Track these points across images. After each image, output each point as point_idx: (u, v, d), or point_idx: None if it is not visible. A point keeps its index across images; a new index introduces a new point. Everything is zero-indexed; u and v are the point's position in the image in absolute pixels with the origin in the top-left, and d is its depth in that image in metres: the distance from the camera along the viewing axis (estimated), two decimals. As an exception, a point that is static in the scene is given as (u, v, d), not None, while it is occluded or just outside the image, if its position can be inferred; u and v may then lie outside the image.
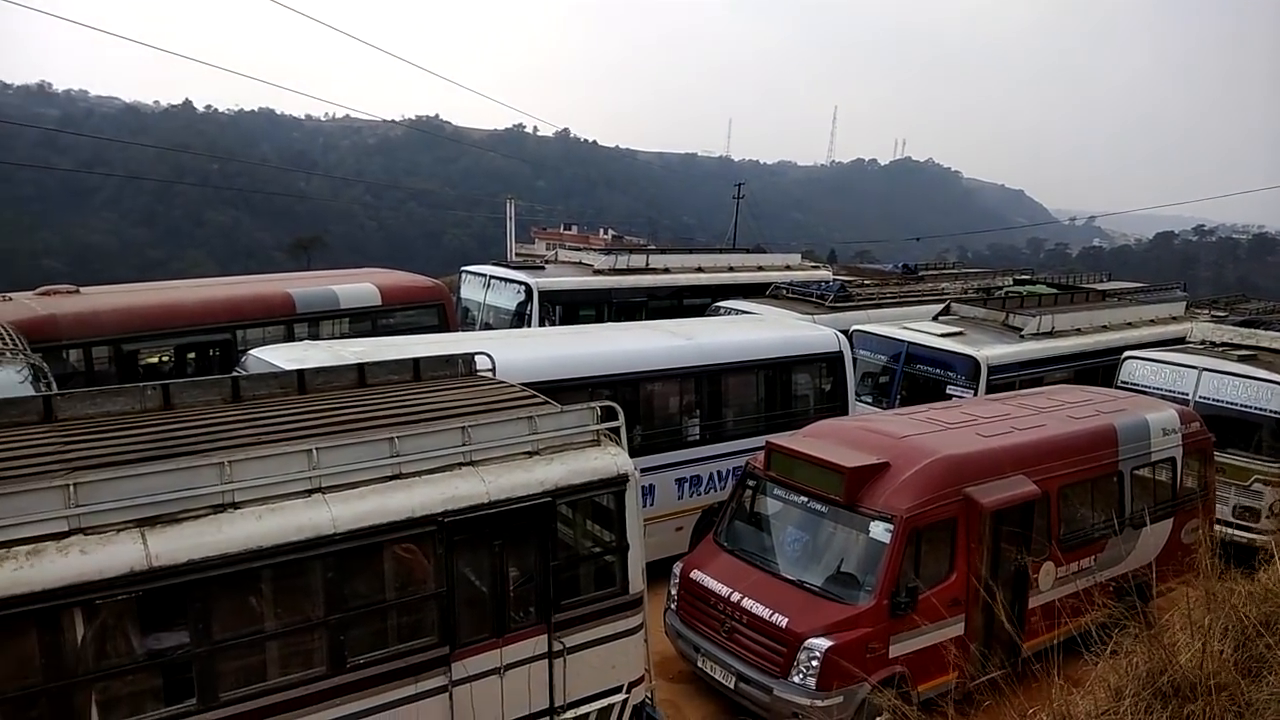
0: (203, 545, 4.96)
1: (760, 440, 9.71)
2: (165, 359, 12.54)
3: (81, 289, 12.76)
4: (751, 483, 9.11)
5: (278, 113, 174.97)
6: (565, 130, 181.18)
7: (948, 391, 13.07)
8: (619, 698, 6.70)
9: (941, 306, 16.23)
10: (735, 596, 8.14)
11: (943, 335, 13.83)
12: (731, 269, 20.92)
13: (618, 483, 6.55)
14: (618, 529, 6.67)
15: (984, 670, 7.78)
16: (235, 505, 5.18)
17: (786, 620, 7.70)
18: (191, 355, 12.71)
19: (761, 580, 8.26)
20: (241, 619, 5.31)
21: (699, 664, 8.39)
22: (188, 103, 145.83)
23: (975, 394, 12.74)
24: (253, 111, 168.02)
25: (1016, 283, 23.02)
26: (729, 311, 16.06)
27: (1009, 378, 13.23)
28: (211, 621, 5.03)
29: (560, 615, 6.35)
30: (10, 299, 11.83)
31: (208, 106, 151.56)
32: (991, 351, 13.36)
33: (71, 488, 4.79)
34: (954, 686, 7.95)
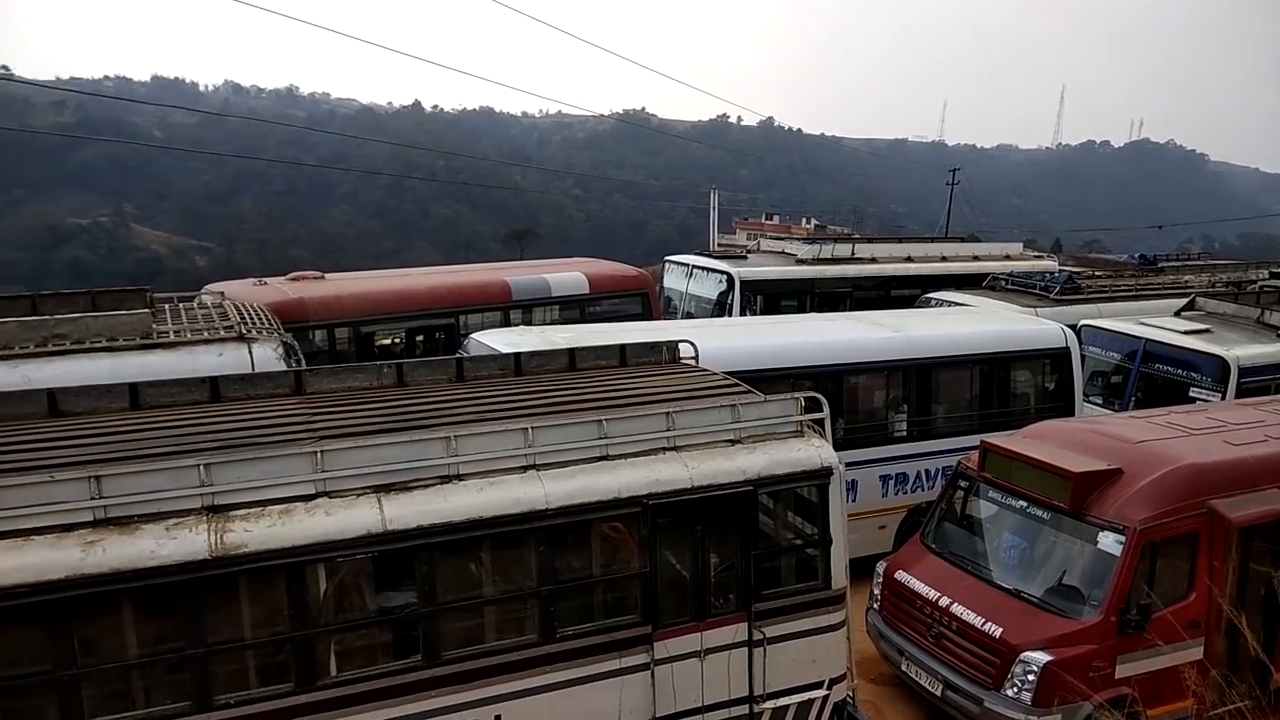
0: (430, 512, 5.32)
1: (973, 439, 9.22)
2: (397, 340, 13.53)
3: (326, 275, 14.01)
4: (963, 483, 8.67)
5: (497, 111, 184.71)
6: (769, 119, 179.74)
7: (1190, 395, 11.89)
8: (819, 693, 6.59)
9: (1185, 301, 14.77)
10: (944, 601, 7.79)
11: (1186, 333, 12.58)
12: (944, 258, 19.99)
13: (821, 475, 6.42)
14: (821, 522, 6.55)
15: (1226, 698, 7.03)
16: (459, 477, 5.51)
17: (1001, 630, 7.29)
18: (420, 338, 13.65)
19: (972, 586, 7.86)
20: (462, 584, 5.65)
21: (903, 667, 8.11)
22: (417, 103, 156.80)
23: (1223, 398, 11.51)
24: (474, 110, 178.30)
25: (1273, 276, 20.62)
26: (940, 303, 15.36)
27: (1263, 381, 11.85)
28: (436, 584, 5.39)
29: (761, 605, 6.32)
30: (265, 283, 13.17)
31: (434, 106, 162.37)
32: (1243, 352, 12.01)
33: (319, 454, 5.25)
34: (1191, 714, 7.24)
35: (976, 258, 20.32)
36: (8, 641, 4.73)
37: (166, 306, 9.38)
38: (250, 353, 8.11)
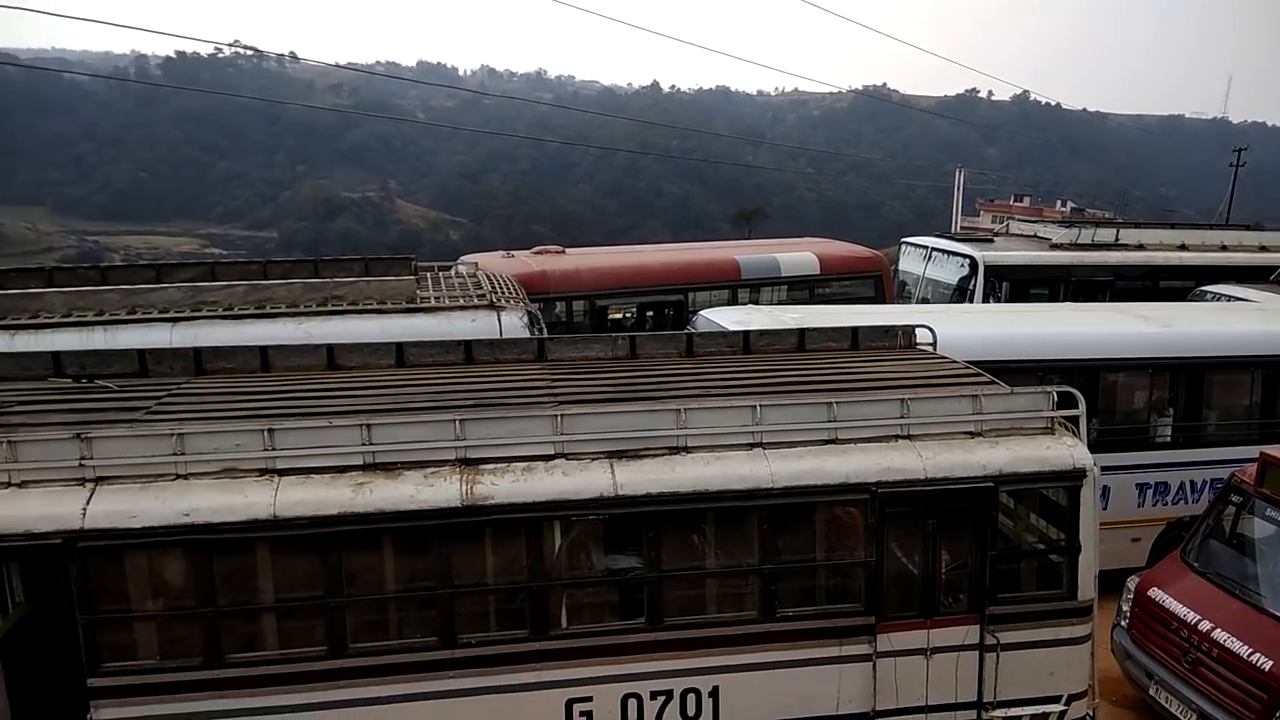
0: (659, 481, 5.45)
1: (1251, 451, 8.22)
2: (628, 315, 13.95)
3: (566, 250, 14.66)
4: (1236, 498, 7.76)
5: (732, 90, 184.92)
6: (1024, 93, 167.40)
7: None
8: (1056, 708, 6.16)
9: None
10: (1204, 625, 7.04)
11: None
12: (1224, 247, 17.85)
13: (1072, 477, 5.96)
14: (1069, 528, 6.09)
15: None
16: (687, 449, 5.60)
17: (1271, 663, 6.50)
18: (650, 312, 14.00)
19: (1239, 611, 7.05)
20: (686, 554, 5.76)
21: (1150, 692, 7.42)
22: (655, 84, 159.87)
23: None
24: (710, 90, 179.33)
25: None
26: (1218, 297, 13.75)
27: None
28: (662, 551, 5.52)
29: (995, 608, 5.98)
30: (513, 256, 13.96)
31: (672, 86, 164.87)
32: None
33: (559, 418, 5.52)
34: None
35: (1264, 248, 18.00)
36: (287, 566, 5.35)
37: (428, 275, 10.18)
38: (499, 320, 8.65)
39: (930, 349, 7.76)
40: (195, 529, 5.01)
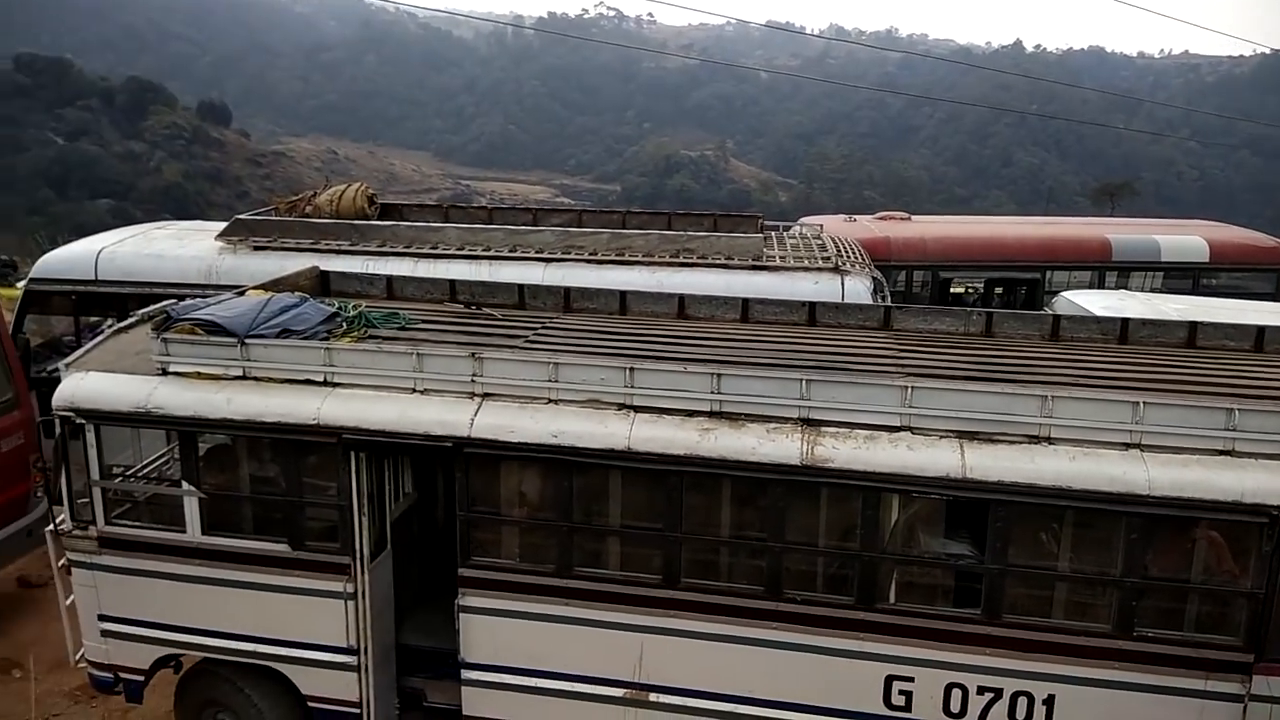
0: (1014, 470, 5.11)
1: None
2: (973, 290, 13.20)
3: (912, 217, 14.11)
4: None
5: (1108, 51, 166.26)
6: None
7: None
8: None
9: None
10: None
11: None
12: None
13: None
14: None
15: None
16: (1049, 440, 5.20)
17: None
18: (999, 290, 13.13)
19: None
20: (1034, 551, 5.38)
21: None
22: (1018, 43, 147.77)
23: None
24: (1081, 50, 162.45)
25: None
26: None
27: None
28: (1008, 544, 5.20)
29: None
30: (855, 220, 13.70)
31: (1037, 46, 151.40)
32: None
33: (908, 389, 5.34)
34: None
35: None
36: (634, 495, 5.72)
37: (772, 235, 10.29)
38: (842, 284, 8.55)
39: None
40: (560, 450, 5.50)
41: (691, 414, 5.54)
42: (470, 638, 5.87)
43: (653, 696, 5.71)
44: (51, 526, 6.43)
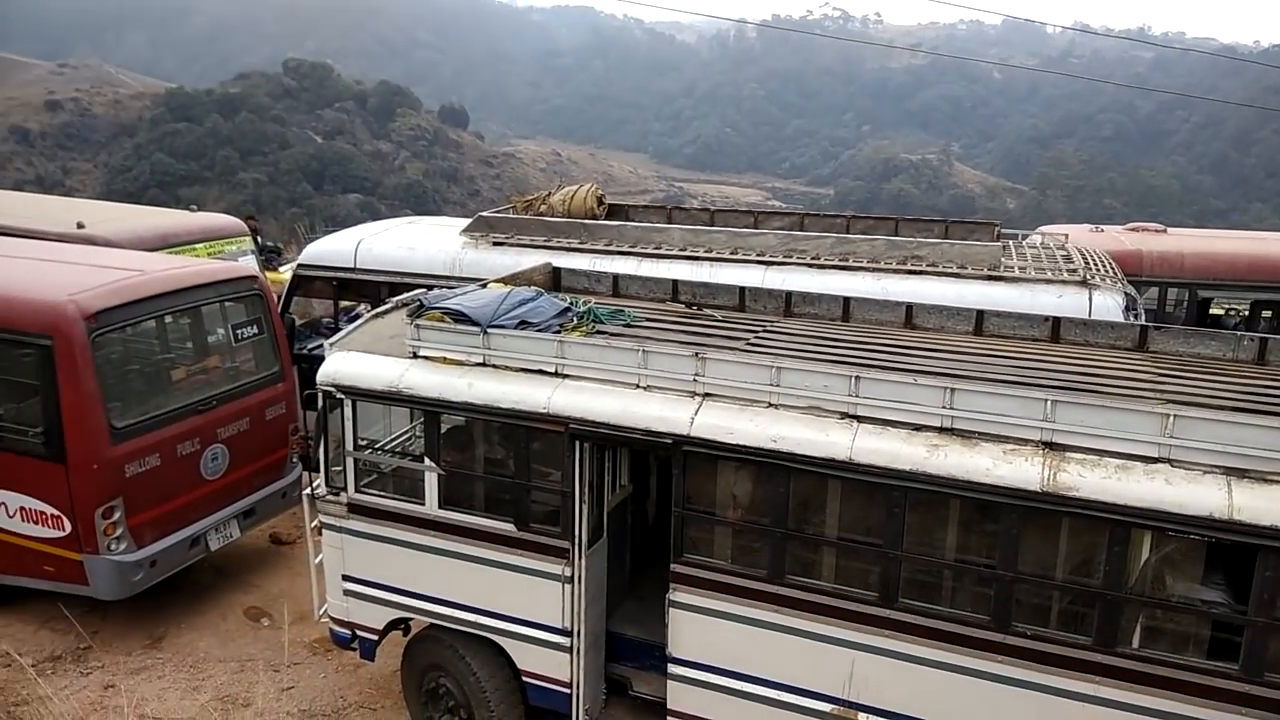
0: (1293, 515, 4.55)
1: None
2: (1235, 312, 11.90)
3: (1169, 230, 12.90)
4: None
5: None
6: None
7: None
8: None
9: None
10: None
11: None
12: None
13: None
14: None
15: None
16: (1342, 485, 4.59)
17: None
18: (1266, 313, 11.77)
19: None
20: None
21: None
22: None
23: None
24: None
25: None
26: None
27: None
28: (1277, 595, 4.64)
29: None
30: (1102, 230, 12.69)
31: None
32: None
33: (1169, 418, 4.87)
34: None
35: None
36: (853, 508, 5.57)
37: (1009, 244, 9.72)
38: (1090, 299, 7.94)
39: None
40: (779, 455, 5.44)
41: (920, 428, 5.33)
42: (678, 633, 5.94)
43: (861, 717, 5.55)
44: (309, 491, 7.10)
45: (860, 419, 5.42)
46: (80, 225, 11.00)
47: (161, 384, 8.46)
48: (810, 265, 8.93)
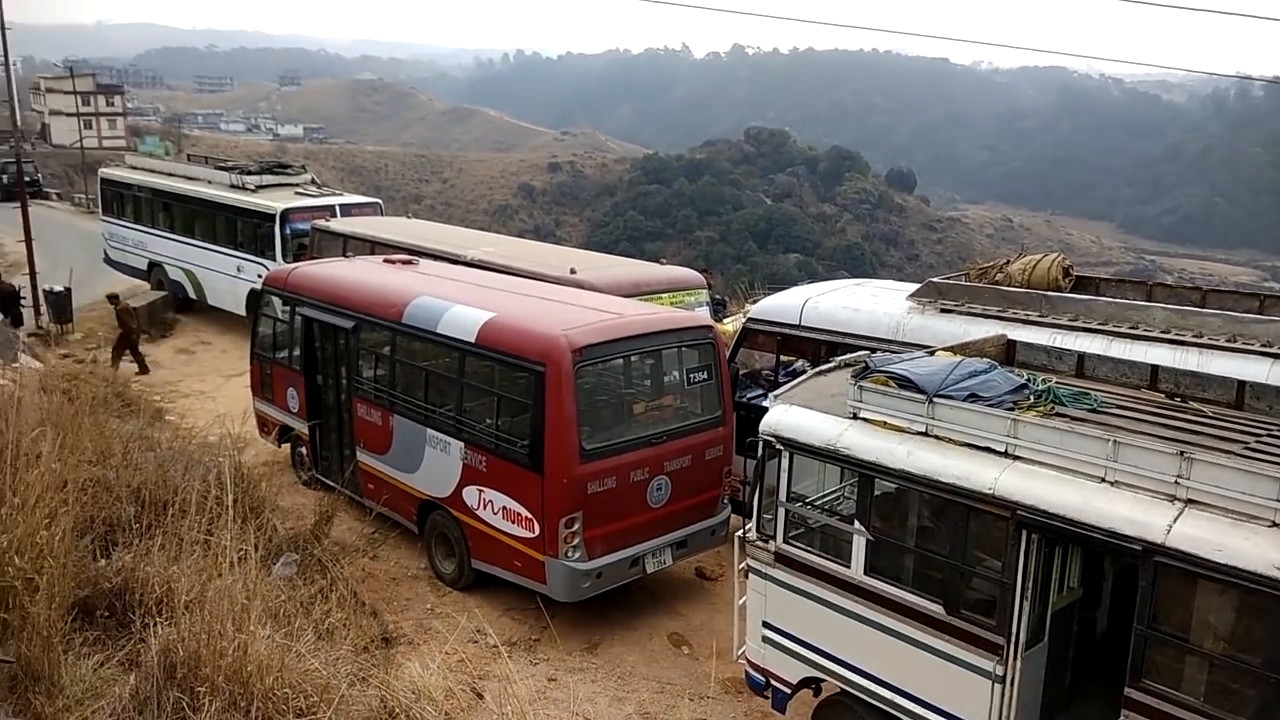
0: None
1: None
2: None
3: None
4: None
5: None
6: None
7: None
8: None
9: None
10: None
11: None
12: None
13: None
14: None
15: None
16: None
17: None
18: None
19: None
20: None
21: None
22: None
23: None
24: None
25: None
26: None
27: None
28: None
29: None
30: None
31: None
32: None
33: None
34: None
35: None
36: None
37: None
38: None
39: None
40: (1277, 584, 4.55)
41: None
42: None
43: None
44: (740, 533, 7.41)
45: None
46: (573, 271, 12.72)
47: (623, 415, 9.43)
48: (1338, 363, 7.37)
